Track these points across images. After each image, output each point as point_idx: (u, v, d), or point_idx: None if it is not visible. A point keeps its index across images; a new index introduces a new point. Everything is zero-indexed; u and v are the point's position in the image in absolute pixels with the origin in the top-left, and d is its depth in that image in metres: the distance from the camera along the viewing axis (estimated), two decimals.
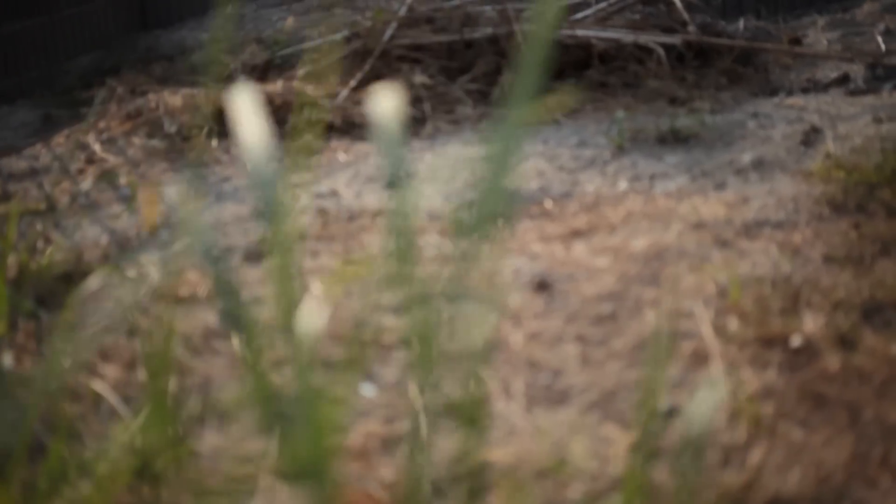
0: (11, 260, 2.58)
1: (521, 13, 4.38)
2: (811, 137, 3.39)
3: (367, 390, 2.04)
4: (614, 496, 1.71)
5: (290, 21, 5.32)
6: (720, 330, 2.19)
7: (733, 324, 2.21)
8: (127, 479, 1.50)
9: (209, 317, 2.35)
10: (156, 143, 3.75)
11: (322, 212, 3.02)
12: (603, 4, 4.60)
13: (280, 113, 3.79)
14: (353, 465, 1.81)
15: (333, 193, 3.18)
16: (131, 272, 2.62)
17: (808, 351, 2.10)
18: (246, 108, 1.06)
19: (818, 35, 4.72)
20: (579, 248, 2.66)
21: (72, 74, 5.24)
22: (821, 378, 2.01)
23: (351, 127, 3.81)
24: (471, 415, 1.96)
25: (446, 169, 3.36)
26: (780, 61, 4.37)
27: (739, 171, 3.15)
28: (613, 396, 1.99)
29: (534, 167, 3.30)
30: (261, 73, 4.50)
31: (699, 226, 2.74)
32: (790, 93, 4.00)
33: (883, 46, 4.38)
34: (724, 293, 2.35)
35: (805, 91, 4.02)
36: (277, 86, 4.05)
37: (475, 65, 4.19)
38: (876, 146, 3.21)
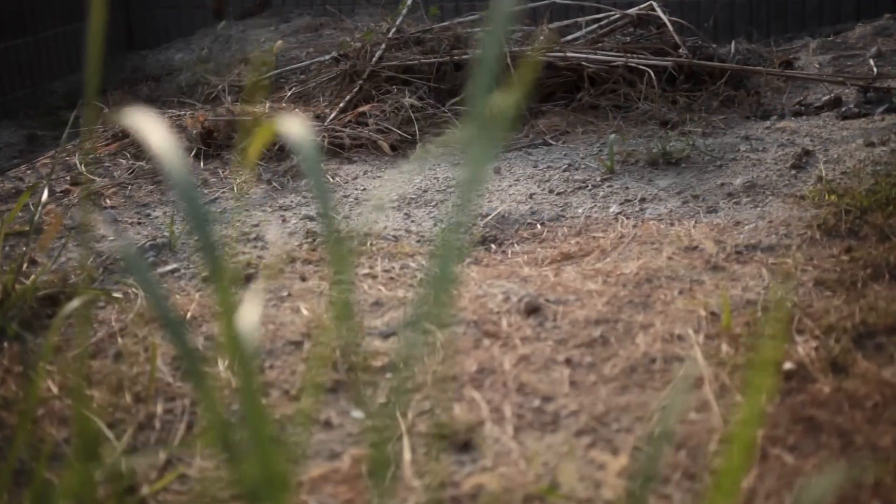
0: None
1: (510, 35, 4.37)
2: (803, 161, 3.37)
3: (357, 413, 2.02)
4: None
5: (278, 42, 5.30)
6: (711, 354, 2.17)
7: (724, 348, 2.19)
8: None
9: (197, 339, 2.33)
10: (142, 164, 3.73)
11: (310, 234, 3.00)
12: (594, 27, 4.60)
13: None
14: (341, 489, 1.78)
15: (322, 216, 3.15)
16: (117, 294, 2.59)
17: (800, 376, 2.08)
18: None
19: (810, 58, 4.71)
20: (570, 272, 2.64)
21: (57, 95, 5.22)
22: (812, 403, 1.99)
23: (340, 149, 3.79)
24: (460, 438, 1.94)
25: (435, 191, 3.34)
26: (771, 84, 4.36)
27: (731, 194, 3.14)
28: (604, 421, 1.96)
29: (524, 190, 3.29)
30: (248, 95, 4.48)
31: (690, 250, 2.73)
32: (782, 116, 3.99)
33: (875, 70, 4.38)
34: (716, 317, 2.33)
35: (797, 114, 4.01)
36: (265, 107, 4.03)
37: (464, 87, 4.18)
38: (868, 170, 3.20)
